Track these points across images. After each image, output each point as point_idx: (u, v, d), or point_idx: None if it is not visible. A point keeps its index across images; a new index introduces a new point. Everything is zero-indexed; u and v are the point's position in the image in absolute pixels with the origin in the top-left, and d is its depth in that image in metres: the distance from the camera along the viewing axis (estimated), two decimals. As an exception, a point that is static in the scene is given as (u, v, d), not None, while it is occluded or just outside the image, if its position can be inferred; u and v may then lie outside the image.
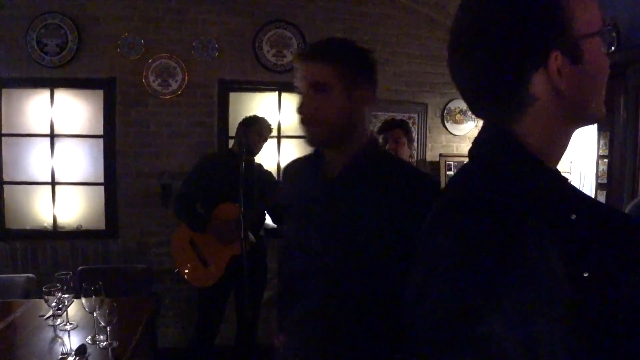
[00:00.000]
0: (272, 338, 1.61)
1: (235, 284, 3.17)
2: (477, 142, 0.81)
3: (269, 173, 3.51)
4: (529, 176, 0.72)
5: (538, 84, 0.71)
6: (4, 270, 3.71)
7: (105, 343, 2.21)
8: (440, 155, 4.27)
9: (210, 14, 3.88)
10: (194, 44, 3.86)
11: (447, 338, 0.66)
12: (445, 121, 4.31)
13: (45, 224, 3.95)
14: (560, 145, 0.78)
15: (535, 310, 0.61)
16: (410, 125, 3.54)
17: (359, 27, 4.06)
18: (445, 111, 4.29)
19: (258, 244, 3.20)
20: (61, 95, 3.89)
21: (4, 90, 3.82)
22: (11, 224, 3.91)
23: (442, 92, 4.26)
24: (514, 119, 0.74)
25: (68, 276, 2.52)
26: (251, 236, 2.92)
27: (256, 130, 3.19)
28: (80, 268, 3.25)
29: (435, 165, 4.23)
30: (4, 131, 3.84)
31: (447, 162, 4.27)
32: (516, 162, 0.73)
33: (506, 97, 0.73)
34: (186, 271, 3.15)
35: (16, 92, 3.86)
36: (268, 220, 3.37)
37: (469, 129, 4.33)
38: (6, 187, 3.89)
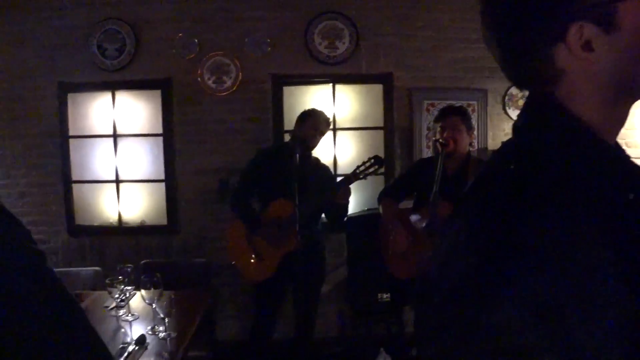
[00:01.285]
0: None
1: (292, 278, 3.17)
2: (520, 114, 0.77)
3: (325, 168, 3.46)
4: (574, 144, 0.66)
5: (562, 59, 0.66)
6: (73, 263, 3.92)
7: (164, 334, 2.28)
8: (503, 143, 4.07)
9: (260, 10, 3.89)
10: (246, 40, 3.89)
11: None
12: (507, 107, 4.10)
13: (111, 221, 4.13)
14: (611, 119, 0.70)
15: (570, 308, 0.55)
16: (470, 112, 3.40)
17: (411, 13, 3.95)
18: (507, 97, 4.08)
19: (315, 239, 3.18)
20: (122, 96, 4.05)
21: (69, 95, 4.02)
22: (80, 220, 4.12)
23: (503, 77, 3.95)
24: (553, 87, 0.69)
25: (129, 269, 2.62)
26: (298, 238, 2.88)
27: (312, 124, 3.13)
28: (143, 262, 3.35)
29: (497, 154, 4.04)
30: (70, 133, 4.04)
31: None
32: (559, 128, 0.68)
33: (535, 73, 0.70)
34: (241, 265, 3.17)
35: (80, 96, 4.05)
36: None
37: (532, 115, 4.10)
38: (75, 186, 4.10)
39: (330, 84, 4.03)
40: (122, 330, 2.40)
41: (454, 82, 4.02)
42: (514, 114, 4.09)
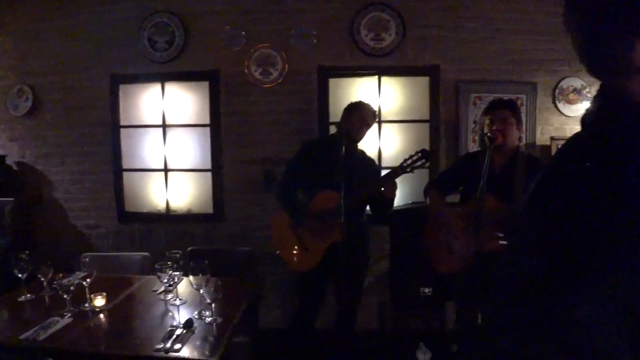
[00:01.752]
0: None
1: (335, 269, 3.18)
2: (590, 108, 0.79)
3: (371, 161, 3.45)
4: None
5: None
6: (122, 248, 4.06)
7: (210, 318, 2.33)
8: (552, 138, 3.97)
9: (306, 2, 3.91)
10: (292, 32, 3.92)
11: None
12: (557, 101, 3.99)
13: (159, 208, 4.25)
14: None
15: None
16: (519, 106, 3.32)
17: (459, 5, 3.88)
18: (557, 90, 3.97)
19: (359, 231, 3.17)
20: (171, 88, 4.15)
21: (121, 86, 4.15)
22: (130, 207, 4.26)
23: (553, 69, 3.95)
24: (627, 81, 0.69)
25: (178, 255, 2.69)
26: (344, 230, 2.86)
27: (358, 116, 3.12)
28: (189, 249, 3.44)
29: (546, 149, 3.95)
30: (121, 123, 4.18)
31: (559, 146, 3.95)
32: (635, 126, 0.67)
33: (613, 63, 0.70)
34: (286, 255, 3.20)
35: (131, 87, 4.18)
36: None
37: (583, 109, 3.96)
38: (125, 174, 4.24)
39: (376, 76, 4.01)
40: (170, 313, 2.46)
41: (502, 74, 3.94)
42: (564, 108, 3.99)
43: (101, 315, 2.43)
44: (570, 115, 4.00)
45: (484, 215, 2.58)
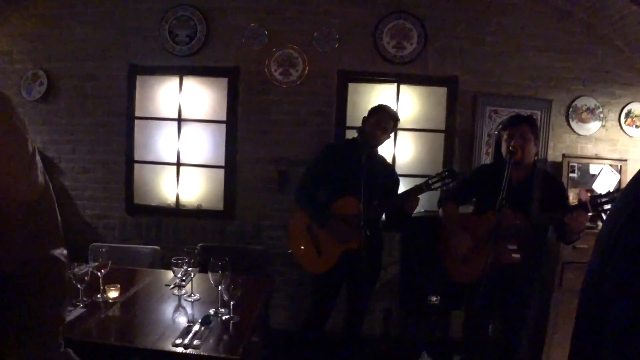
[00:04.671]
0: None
1: (349, 275, 3.18)
2: None
3: (392, 169, 3.43)
4: None
5: None
6: (129, 241, 4.05)
7: (227, 316, 2.32)
8: (564, 155, 4.01)
9: (331, 5, 3.92)
10: (315, 34, 3.92)
11: None
12: (570, 119, 4.03)
13: (169, 202, 4.23)
14: None
15: None
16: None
17: (482, 17, 3.92)
18: (571, 109, 4.01)
19: (376, 239, 3.17)
20: (189, 82, 4.14)
21: (138, 77, 4.13)
22: (139, 199, 4.24)
23: (569, 88, 3.99)
24: None
25: (195, 250, 2.68)
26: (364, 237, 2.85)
27: (375, 120, 3.10)
28: (200, 245, 3.41)
29: (558, 165, 3.98)
30: (137, 114, 4.16)
31: (571, 164, 4.00)
32: None
33: None
34: (299, 255, 3.20)
35: (149, 79, 4.16)
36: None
37: (595, 129, 4.02)
38: (136, 166, 4.22)
39: (395, 84, 4.03)
40: (183, 310, 2.45)
41: (519, 90, 3.98)
42: (576, 126, 4.03)
43: (114, 308, 2.41)
44: (582, 133, 4.05)
45: (502, 228, 2.60)
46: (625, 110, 4.01)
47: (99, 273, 2.47)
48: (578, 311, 0.91)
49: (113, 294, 2.48)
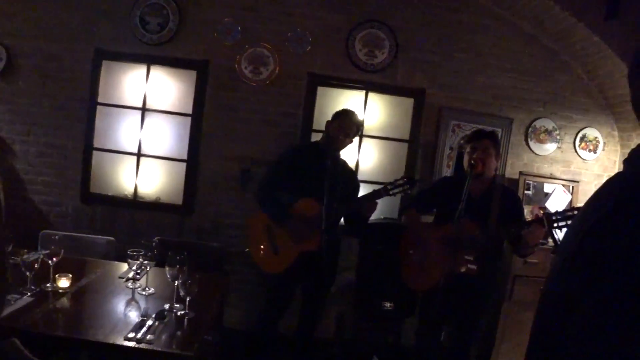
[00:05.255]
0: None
1: (305, 276, 3.19)
2: (637, 150, 0.88)
3: (352, 173, 3.47)
4: None
5: None
6: (82, 230, 3.89)
7: (182, 312, 2.29)
8: (520, 173, 4.16)
9: (307, 8, 3.93)
10: (289, 35, 3.92)
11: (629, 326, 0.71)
12: (529, 139, 4.18)
13: (127, 193, 4.13)
14: None
15: None
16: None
17: (454, 34, 4.02)
18: (530, 129, 4.17)
19: (333, 241, 3.18)
20: (156, 72, 4.06)
21: (104, 62, 4.01)
22: (96, 188, 4.11)
23: (529, 108, 4.14)
24: None
25: (153, 244, 2.62)
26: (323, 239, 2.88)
27: (339, 124, 3.13)
28: (157, 238, 3.34)
29: (515, 182, 4.12)
30: (100, 100, 4.03)
31: (526, 181, 4.15)
32: None
33: None
34: (257, 254, 3.19)
35: (115, 65, 4.04)
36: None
37: (551, 150, 4.19)
38: (95, 154, 4.09)
39: (364, 91, 4.08)
40: (136, 304, 2.39)
41: (483, 107, 4.10)
42: (534, 146, 4.19)
43: (64, 298, 2.33)
44: (539, 153, 4.20)
45: (460, 239, 2.67)
46: (580, 134, 4.19)
47: (49, 261, 2.38)
48: (537, 316, 0.96)
49: (64, 283, 2.39)
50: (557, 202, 4.13)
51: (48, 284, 2.36)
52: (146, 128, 4.08)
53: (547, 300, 0.94)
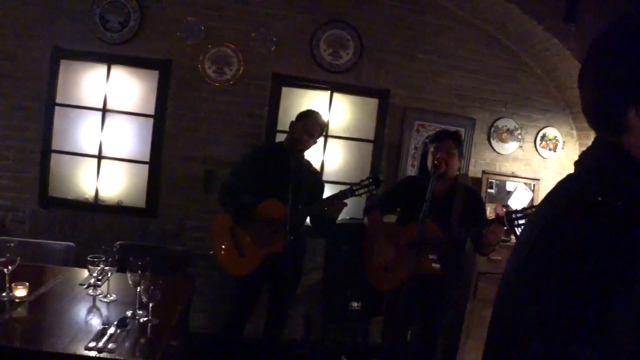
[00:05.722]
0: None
1: (271, 278, 3.18)
2: (587, 153, 0.94)
3: (317, 173, 3.48)
4: (639, 183, 0.82)
5: (632, 118, 0.83)
6: (41, 236, 3.78)
7: (145, 319, 2.24)
8: (483, 172, 4.24)
9: (272, 8, 3.90)
10: (253, 35, 3.88)
11: (575, 327, 0.75)
12: (492, 138, 4.27)
13: (87, 196, 4.01)
14: None
15: None
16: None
17: (417, 35, 4.06)
18: (493, 128, 4.26)
19: (297, 243, 3.18)
20: (117, 71, 3.95)
21: (62, 62, 3.88)
22: (54, 192, 3.98)
23: (492, 109, 4.23)
24: (619, 137, 0.86)
25: (114, 249, 2.56)
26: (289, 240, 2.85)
27: (302, 125, 3.13)
28: (119, 243, 3.27)
29: (478, 181, 4.20)
30: (58, 101, 3.90)
31: (489, 180, 4.23)
32: (625, 170, 0.84)
33: (608, 121, 0.88)
34: (221, 257, 3.16)
35: (74, 64, 3.92)
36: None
37: (513, 149, 4.29)
38: (53, 156, 3.96)
39: (329, 91, 4.08)
40: (98, 311, 2.34)
41: (446, 107, 4.16)
42: (497, 145, 4.27)
43: (21, 307, 2.25)
44: (501, 152, 4.30)
45: (424, 238, 2.70)
46: (540, 134, 4.30)
47: (5, 270, 2.29)
48: (494, 314, 0.99)
49: (20, 292, 2.31)
50: (519, 199, 4.23)
51: (4, 294, 2.27)
52: (107, 129, 3.97)
53: (501, 302, 0.97)
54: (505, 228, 2.73)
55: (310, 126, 3.13)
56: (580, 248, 0.77)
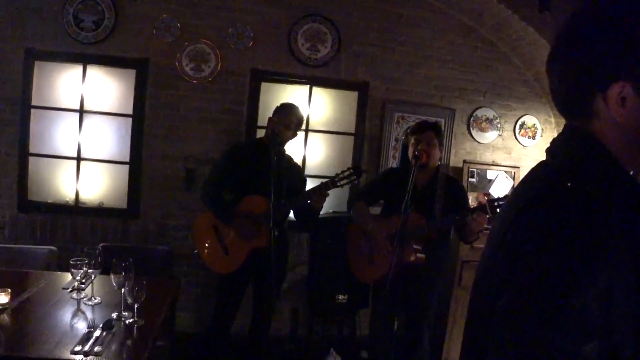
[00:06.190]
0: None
1: (255, 274, 3.18)
2: (557, 141, 0.95)
3: (298, 167, 3.48)
4: (607, 169, 0.84)
5: (599, 104, 0.85)
6: (21, 241, 3.74)
7: (131, 320, 2.23)
8: (464, 161, 4.28)
9: (248, 3, 3.87)
10: (230, 31, 3.85)
11: (543, 313, 0.75)
12: (471, 128, 4.31)
13: (67, 199, 3.96)
14: (630, 160, 0.88)
15: (621, 281, 0.72)
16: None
17: (394, 27, 4.08)
18: (472, 118, 4.29)
19: (281, 237, 3.18)
20: (93, 72, 3.89)
21: (36, 63, 3.80)
22: (33, 195, 3.91)
23: (470, 99, 4.27)
24: (588, 124, 0.88)
25: (96, 251, 2.54)
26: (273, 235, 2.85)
27: (279, 118, 3.12)
28: (101, 245, 3.23)
29: (459, 171, 4.24)
30: (33, 103, 3.83)
31: (470, 169, 4.28)
32: (594, 156, 0.86)
33: (577, 108, 0.90)
34: (206, 255, 3.15)
35: (49, 66, 3.85)
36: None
37: (492, 138, 4.34)
38: (31, 159, 3.89)
39: (308, 86, 4.08)
40: (83, 314, 2.32)
41: (425, 98, 4.18)
42: (476, 134, 4.31)
43: (4, 314, 2.22)
44: (481, 141, 4.34)
45: (407, 229, 2.71)
46: (519, 122, 4.35)
47: (-14, 276, 2.26)
48: (470, 300, 1.01)
49: (2, 299, 2.27)
50: (500, 187, 4.28)
51: (-15, 301, 2.24)
52: (85, 131, 3.91)
53: (476, 291, 0.99)
54: (488, 216, 2.76)
55: (287, 119, 3.12)
56: (551, 234, 0.78)
